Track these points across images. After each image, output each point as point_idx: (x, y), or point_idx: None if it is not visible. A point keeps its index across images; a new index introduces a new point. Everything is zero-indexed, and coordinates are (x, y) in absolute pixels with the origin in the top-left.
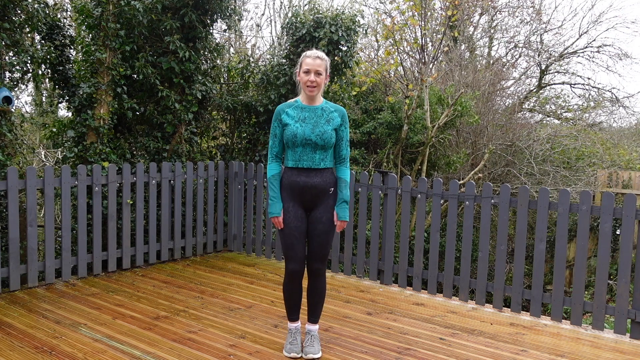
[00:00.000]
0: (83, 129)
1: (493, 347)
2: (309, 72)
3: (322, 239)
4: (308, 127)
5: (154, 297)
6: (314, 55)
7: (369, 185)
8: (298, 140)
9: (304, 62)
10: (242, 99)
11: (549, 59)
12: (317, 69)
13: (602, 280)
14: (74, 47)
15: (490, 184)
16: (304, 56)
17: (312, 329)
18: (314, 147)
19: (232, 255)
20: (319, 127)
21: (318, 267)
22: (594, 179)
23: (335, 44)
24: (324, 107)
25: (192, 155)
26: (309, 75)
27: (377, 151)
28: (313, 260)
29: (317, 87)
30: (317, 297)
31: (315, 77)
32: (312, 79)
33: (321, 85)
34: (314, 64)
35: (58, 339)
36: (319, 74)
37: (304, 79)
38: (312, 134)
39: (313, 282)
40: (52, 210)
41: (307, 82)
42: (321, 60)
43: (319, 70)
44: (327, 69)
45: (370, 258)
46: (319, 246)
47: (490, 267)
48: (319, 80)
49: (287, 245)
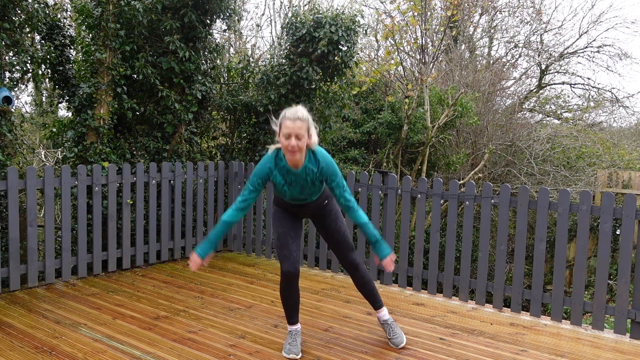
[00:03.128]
0: (83, 129)
1: (493, 347)
2: (289, 136)
3: (339, 234)
4: (296, 189)
5: (154, 297)
6: (293, 116)
7: (369, 185)
8: (287, 196)
9: (284, 125)
10: (242, 99)
11: (549, 59)
12: (298, 132)
13: (602, 280)
14: (74, 47)
15: (490, 184)
16: (283, 117)
17: (382, 315)
18: (303, 200)
19: (232, 255)
20: (307, 188)
21: (351, 260)
22: (594, 179)
23: (335, 44)
24: (307, 168)
25: (192, 155)
26: (289, 140)
27: (377, 151)
28: (343, 255)
29: (299, 151)
30: (367, 288)
31: (296, 141)
32: (292, 144)
33: (303, 148)
34: (294, 127)
35: (58, 339)
36: (300, 137)
37: (284, 143)
38: (300, 195)
39: (354, 275)
40: (52, 210)
41: (287, 146)
42: (302, 122)
43: (300, 134)
44: (308, 129)
45: (370, 258)
46: (339, 242)
47: (490, 267)
48: (300, 144)
49: (282, 245)
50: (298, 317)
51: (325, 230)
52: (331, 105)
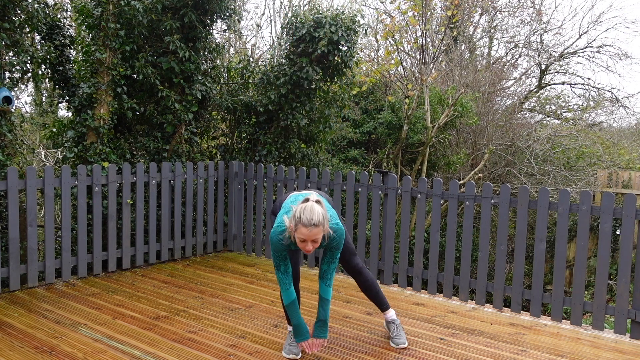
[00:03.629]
0: (83, 129)
1: (493, 347)
2: (305, 241)
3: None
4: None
5: (154, 297)
6: (309, 223)
7: (369, 185)
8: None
9: (299, 231)
10: (242, 99)
11: (549, 59)
12: (314, 237)
13: (602, 280)
14: (74, 47)
15: (490, 184)
16: (299, 223)
17: (389, 316)
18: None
19: (232, 255)
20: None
21: (355, 264)
22: (594, 179)
23: (335, 44)
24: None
25: (192, 155)
26: (305, 244)
27: (377, 151)
28: (346, 260)
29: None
30: (372, 291)
31: (313, 245)
32: (309, 249)
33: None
34: (310, 234)
35: (58, 339)
36: (316, 241)
37: (300, 245)
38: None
39: (358, 279)
40: (52, 210)
41: (303, 248)
42: (317, 228)
43: (316, 239)
44: (325, 233)
45: (370, 258)
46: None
47: (490, 267)
48: (316, 245)
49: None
50: None
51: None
52: (331, 105)
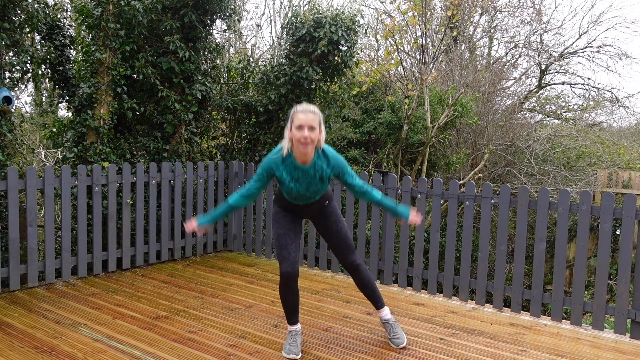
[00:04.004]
0: (83, 129)
1: (493, 347)
2: (301, 127)
3: (340, 235)
4: (302, 186)
5: (154, 297)
6: (305, 110)
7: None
8: (293, 194)
9: (296, 118)
10: (242, 99)
11: (549, 59)
12: (311, 123)
13: (602, 280)
14: (74, 47)
15: (490, 184)
16: (294, 112)
17: (384, 315)
18: (309, 198)
19: (232, 255)
20: (313, 185)
21: (352, 260)
22: (594, 179)
23: (335, 44)
24: (316, 165)
25: (192, 155)
26: (302, 131)
27: (377, 151)
28: (344, 256)
29: (312, 143)
30: (368, 288)
31: (309, 132)
32: (305, 135)
33: (315, 140)
34: (307, 119)
35: (58, 339)
36: (313, 128)
37: (297, 136)
38: (306, 192)
39: (355, 276)
40: (52, 210)
41: (300, 138)
42: (314, 115)
43: (313, 125)
44: (320, 123)
45: (370, 258)
46: (340, 243)
47: (490, 267)
48: (313, 135)
49: (281, 245)
50: (298, 317)
51: (326, 232)
52: (331, 105)
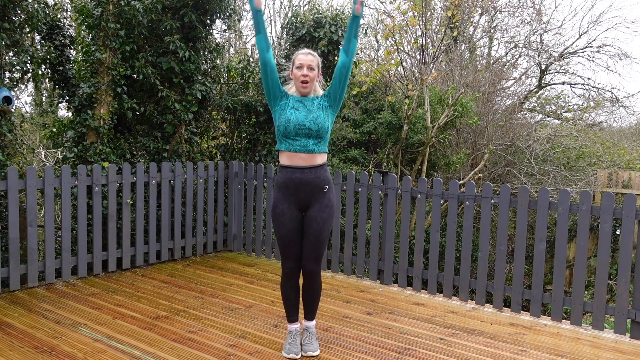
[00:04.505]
0: (83, 129)
1: (493, 347)
2: (301, 67)
3: (316, 239)
4: (302, 113)
5: (154, 297)
6: (305, 51)
7: (369, 185)
8: (291, 126)
9: (296, 59)
10: (242, 99)
11: (549, 59)
12: (310, 63)
13: (602, 280)
14: (74, 47)
15: (490, 184)
16: (295, 54)
17: (309, 325)
18: (307, 133)
19: (232, 255)
20: (312, 113)
21: (312, 268)
22: (594, 179)
23: (335, 44)
24: (316, 97)
25: (192, 155)
26: (301, 70)
27: (377, 151)
28: (307, 260)
29: (310, 82)
30: (312, 296)
31: (308, 71)
32: (305, 73)
33: (314, 80)
34: (306, 59)
35: (58, 339)
36: (312, 68)
37: (297, 75)
38: (305, 120)
39: (308, 282)
40: (52, 210)
41: (300, 77)
42: (313, 57)
43: (312, 65)
44: (319, 66)
45: (370, 258)
46: (312, 246)
47: (490, 267)
48: (312, 75)
49: (284, 245)
50: (298, 315)
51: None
52: None
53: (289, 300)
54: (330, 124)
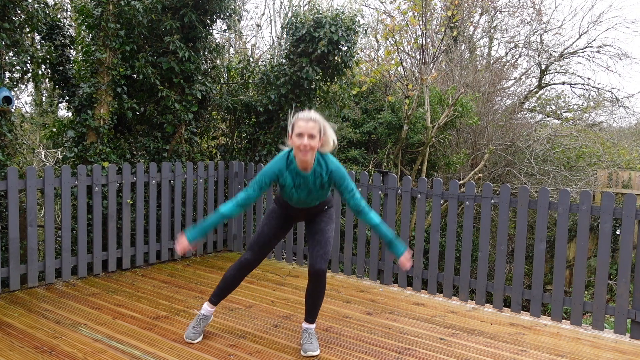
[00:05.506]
0: (83, 129)
1: (493, 347)
2: (301, 135)
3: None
4: (303, 192)
5: (154, 297)
6: (306, 117)
7: (369, 185)
8: (294, 199)
9: (297, 125)
10: (242, 99)
11: (549, 59)
12: (311, 131)
13: (602, 280)
14: (74, 47)
15: (490, 184)
16: (296, 118)
17: (310, 327)
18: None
19: (232, 255)
20: (314, 192)
21: (320, 267)
22: (594, 179)
23: (335, 44)
24: (315, 172)
25: (192, 155)
26: (302, 139)
27: (377, 151)
28: (315, 260)
29: (311, 150)
30: (316, 299)
31: (309, 140)
32: (305, 143)
33: (315, 148)
34: (307, 127)
35: (58, 339)
36: (313, 136)
37: (296, 143)
38: (307, 198)
39: (314, 284)
40: (52, 210)
41: (300, 146)
42: (314, 123)
43: (313, 133)
44: (321, 131)
45: (370, 258)
46: (319, 245)
47: (490, 267)
48: (313, 143)
49: (260, 242)
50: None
51: (312, 226)
52: (331, 105)
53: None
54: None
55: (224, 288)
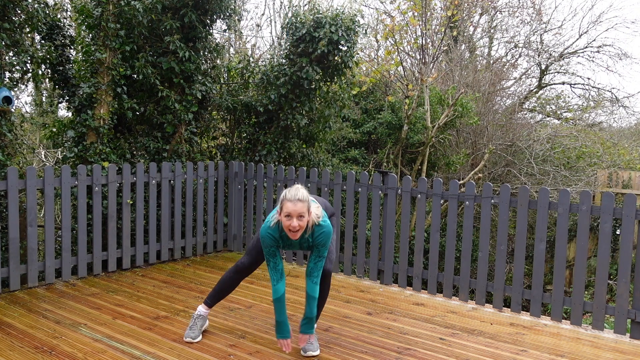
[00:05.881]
0: (83, 129)
1: (493, 347)
2: (290, 216)
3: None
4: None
5: (154, 297)
6: (294, 198)
7: (369, 185)
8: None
9: (285, 206)
10: (242, 99)
11: (549, 59)
12: (299, 212)
13: (602, 280)
14: (74, 47)
15: (490, 184)
16: (283, 199)
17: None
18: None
19: (232, 255)
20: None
21: (327, 267)
22: (594, 179)
23: (335, 44)
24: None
25: (192, 155)
26: (290, 220)
27: (377, 151)
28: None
29: (301, 229)
30: (322, 299)
31: (298, 221)
32: (294, 225)
33: (304, 227)
34: (295, 209)
35: (58, 339)
36: (302, 216)
37: (285, 223)
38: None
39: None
40: (52, 210)
41: (289, 227)
42: (302, 203)
43: (301, 213)
44: (309, 209)
45: (370, 258)
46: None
47: (490, 267)
48: (302, 223)
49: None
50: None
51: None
52: (331, 105)
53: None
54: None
55: (219, 291)
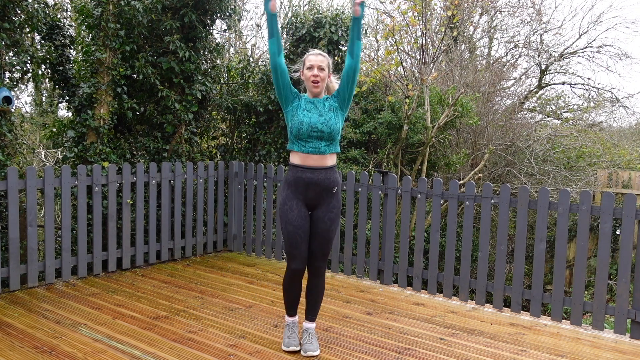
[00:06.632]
0: (83, 129)
1: (493, 347)
2: (312, 67)
3: (324, 239)
4: (314, 116)
5: (154, 297)
6: (316, 52)
7: (369, 185)
8: (304, 128)
9: (307, 60)
10: (242, 99)
11: (549, 59)
12: (320, 64)
13: (602, 280)
14: (74, 47)
15: (490, 184)
16: (306, 55)
17: (310, 326)
18: (319, 136)
19: (232, 255)
20: (324, 115)
21: (319, 265)
22: (594, 179)
23: (335, 44)
24: (326, 99)
25: (192, 155)
26: (312, 71)
27: (377, 151)
28: (314, 258)
29: (321, 81)
30: (317, 295)
31: (319, 71)
32: (315, 74)
33: (325, 80)
34: (317, 60)
35: (58, 339)
36: (322, 69)
37: (307, 75)
38: (317, 122)
39: (313, 280)
40: (52, 210)
41: (310, 77)
42: (323, 57)
43: (322, 66)
44: (329, 66)
45: (370, 258)
46: (320, 245)
47: (490, 267)
48: (322, 75)
49: (291, 244)
50: (297, 310)
51: (316, 224)
52: None
53: (291, 297)
54: (340, 125)
55: (292, 300)
